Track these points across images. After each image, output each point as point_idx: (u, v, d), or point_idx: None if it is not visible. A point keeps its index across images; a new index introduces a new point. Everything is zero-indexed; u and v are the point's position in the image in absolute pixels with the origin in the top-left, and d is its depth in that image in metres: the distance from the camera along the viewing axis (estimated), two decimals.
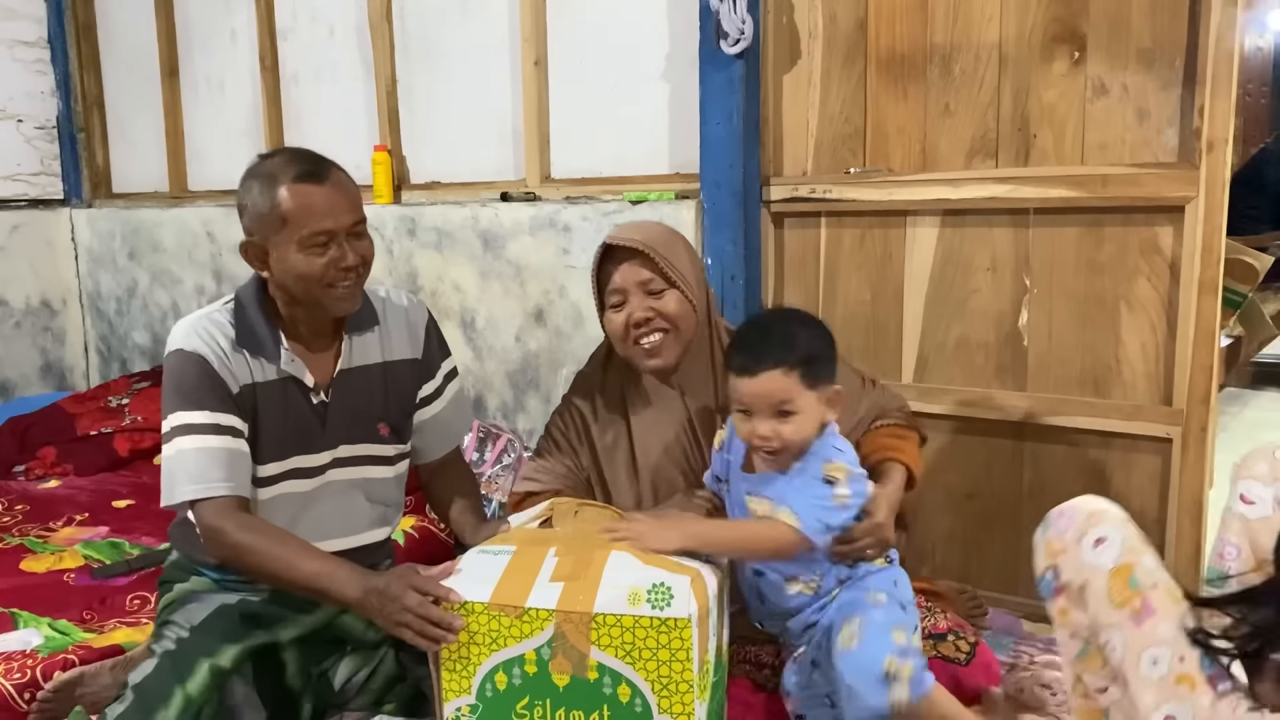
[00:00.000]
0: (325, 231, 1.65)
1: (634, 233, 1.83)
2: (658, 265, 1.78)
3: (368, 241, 1.74)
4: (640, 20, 2.76)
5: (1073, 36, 2.18)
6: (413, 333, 1.89)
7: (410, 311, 1.91)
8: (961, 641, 1.79)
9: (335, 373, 1.79)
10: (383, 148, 3.32)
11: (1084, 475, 2.26)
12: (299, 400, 1.76)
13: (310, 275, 1.67)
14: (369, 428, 1.84)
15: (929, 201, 2.36)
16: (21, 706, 1.84)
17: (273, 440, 1.75)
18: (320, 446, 1.79)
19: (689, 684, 1.38)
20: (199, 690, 1.57)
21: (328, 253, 1.66)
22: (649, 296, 1.79)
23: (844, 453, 1.60)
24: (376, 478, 1.87)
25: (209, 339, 1.70)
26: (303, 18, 3.57)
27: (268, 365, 1.73)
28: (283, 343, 1.74)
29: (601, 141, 2.90)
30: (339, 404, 1.80)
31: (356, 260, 1.69)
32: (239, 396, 1.71)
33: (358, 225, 1.71)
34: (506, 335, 3.08)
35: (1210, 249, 2.05)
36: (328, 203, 1.66)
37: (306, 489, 1.79)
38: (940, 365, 2.42)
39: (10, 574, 2.46)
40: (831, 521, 1.55)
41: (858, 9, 2.43)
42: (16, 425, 3.53)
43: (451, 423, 1.98)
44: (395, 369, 1.86)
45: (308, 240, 1.65)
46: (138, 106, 4.18)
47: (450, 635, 1.46)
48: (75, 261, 4.37)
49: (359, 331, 1.82)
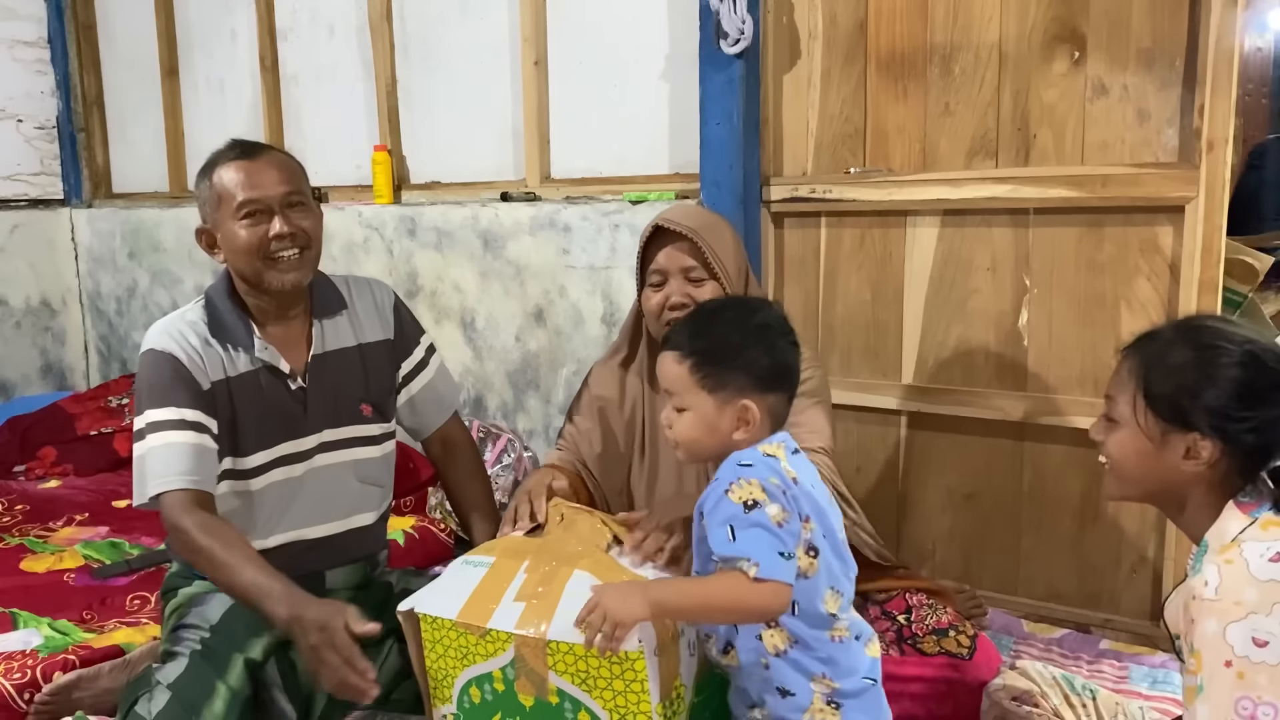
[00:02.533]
0: (254, 200, 1.71)
1: (684, 217, 1.84)
2: (702, 253, 1.79)
3: (312, 217, 1.77)
4: (640, 20, 2.76)
5: (1073, 36, 2.18)
6: (381, 314, 1.93)
7: (375, 292, 1.95)
8: (962, 636, 1.80)
9: (310, 358, 1.82)
10: (383, 148, 3.32)
11: (1084, 475, 2.26)
12: (277, 387, 1.79)
13: (249, 247, 1.71)
14: (352, 409, 1.86)
15: (929, 201, 2.36)
16: (21, 706, 1.84)
17: (256, 430, 1.77)
18: (304, 431, 1.81)
19: (647, 714, 1.34)
20: (239, 683, 1.59)
21: (262, 224, 1.71)
22: (689, 283, 1.81)
23: (754, 467, 1.31)
24: (364, 458, 1.88)
25: (180, 338, 1.73)
26: (303, 18, 3.57)
27: (242, 356, 1.76)
28: (255, 332, 1.77)
29: (601, 141, 2.90)
30: (318, 388, 1.82)
31: (292, 229, 1.72)
32: (212, 393, 1.72)
33: (292, 195, 1.74)
34: (506, 335, 3.08)
35: (1210, 249, 2.05)
36: (258, 175, 1.73)
37: (296, 474, 1.81)
38: (940, 365, 2.42)
39: (10, 574, 2.46)
40: (783, 548, 1.27)
41: (858, 9, 2.43)
42: (16, 425, 3.53)
43: (443, 391, 2.02)
44: (370, 350, 1.89)
45: (240, 211, 1.71)
46: (138, 106, 4.18)
47: (367, 694, 1.43)
48: (75, 261, 4.37)
49: (328, 316, 1.85)
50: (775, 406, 1.39)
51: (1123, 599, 2.26)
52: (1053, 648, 2.17)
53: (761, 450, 1.35)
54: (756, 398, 1.36)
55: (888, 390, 2.47)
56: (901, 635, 1.81)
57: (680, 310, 1.79)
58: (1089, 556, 2.29)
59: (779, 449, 1.37)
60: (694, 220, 1.83)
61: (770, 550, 1.26)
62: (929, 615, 1.82)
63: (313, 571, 1.80)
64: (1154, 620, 2.21)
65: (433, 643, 1.46)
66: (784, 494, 1.30)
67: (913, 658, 1.79)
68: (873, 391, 2.49)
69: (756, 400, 1.36)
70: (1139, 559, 2.23)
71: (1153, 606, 2.21)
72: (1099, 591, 2.28)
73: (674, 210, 1.88)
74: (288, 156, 1.82)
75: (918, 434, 2.48)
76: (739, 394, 1.36)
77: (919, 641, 1.80)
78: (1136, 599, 2.24)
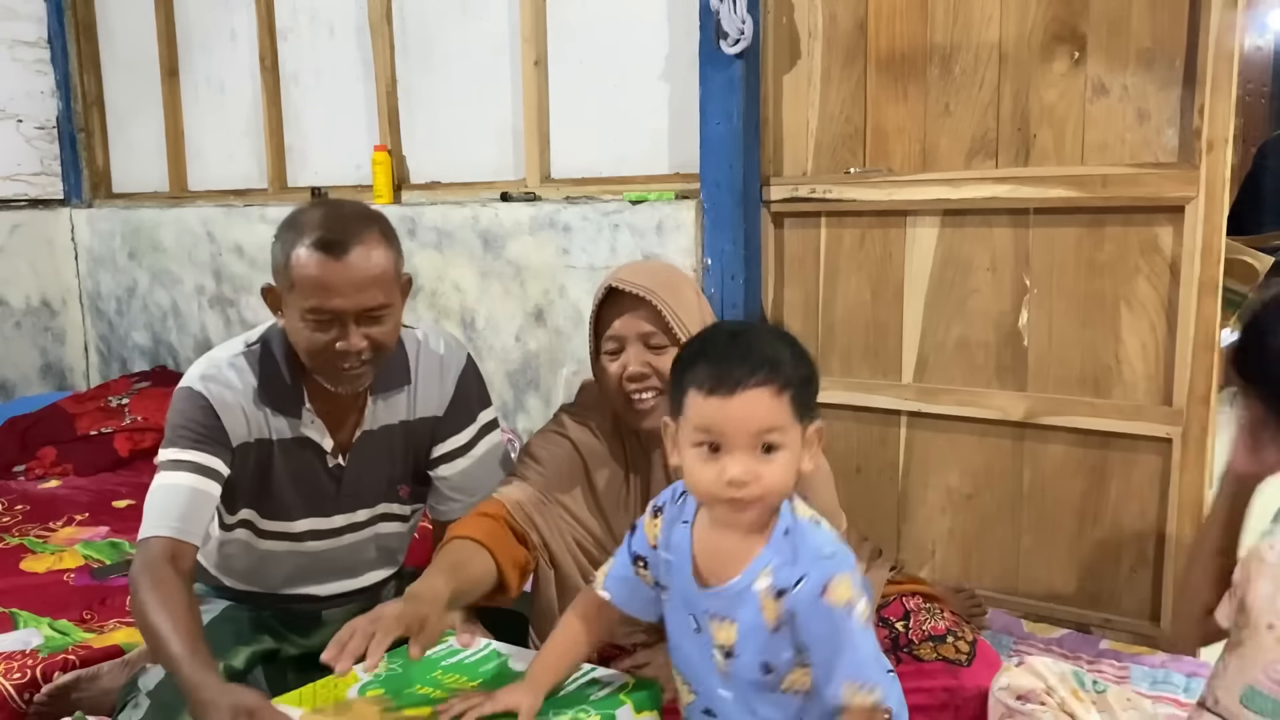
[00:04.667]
0: (329, 310, 1.51)
1: (641, 277, 1.65)
2: (663, 318, 1.61)
3: (389, 325, 1.57)
4: (640, 20, 2.76)
5: (1073, 36, 2.18)
6: (443, 387, 1.74)
7: (445, 364, 1.75)
8: (961, 641, 1.78)
9: (356, 436, 1.68)
10: (383, 148, 3.32)
11: (1084, 475, 2.26)
12: (313, 462, 1.67)
13: (312, 348, 1.55)
14: (389, 490, 1.76)
15: (929, 201, 2.36)
16: (21, 706, 1.84)
17: (283, 499, 1.68)
18: (334, 510, 1.72)
19: None
20: None
21: (330, 331, 1.52)
22: (648, 350, 1.62)
23: (836, 558, 1.16)
24: (387, 532, 1.81)
25: (226, 385, 1.60)
26: (303, 18, 3.57)
27: (284, 423, 1.64)
28: (305, 403, 1.64)
29: (601, 141, 2.90)
30: (356, 468, 1.70)
31: (361, 346, 1.53)
32: (245, 449, 1.62)
33: (374, 310, 1.53)
34: (506, 335, 3.08)
35: (1210, 249, 2.05)
36: (339, 281, 1.50)
37: (319, 549, 1.74)
38: (940, 365, 2.42)
39: (10, 574, 2.46)
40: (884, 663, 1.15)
41: (858, 9, 2.43)
42: (16, 425, 3.53)
43: (476, 483, 1.76)
44: (416, 427, 1.73)
45: (310, 314, 1.52)
46: (138, 106, 4.18)
47: None
48: (75, 261, 4.37)
49: (386, 392, 1.68)
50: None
51: (1123, 599, 2.26)
52: (1052, 648, 2.17)
53: (810, 517, 1.20)
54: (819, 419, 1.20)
55: (888, 390, 2.47)
56: (898, 643, 1.77)
57: (640, 381, 1.61)
58: (1089, 556, 2.29)
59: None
60: (651, 280, 1.64)
61: (883, 669, 1.15)
62: (926, 620, 1.80)
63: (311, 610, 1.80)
64: (1154, 620, 2.21)
65: None
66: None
67: (909, 666, 1.73)
68: (873, 391, 2.49)
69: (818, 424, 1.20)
70: (1139, 559, 2.23)
71: (1153, 606, 2.21)
72: (1099, 591, 2.28)
73: (628, 269, 1.71)
74: (381, 251, 1.54)
75: (918, 434, 2.48)
76: (814, 417, 1.19)
77: (915, 649, 1.76)
78: (1136, 599, 2.24)
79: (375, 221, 1.57)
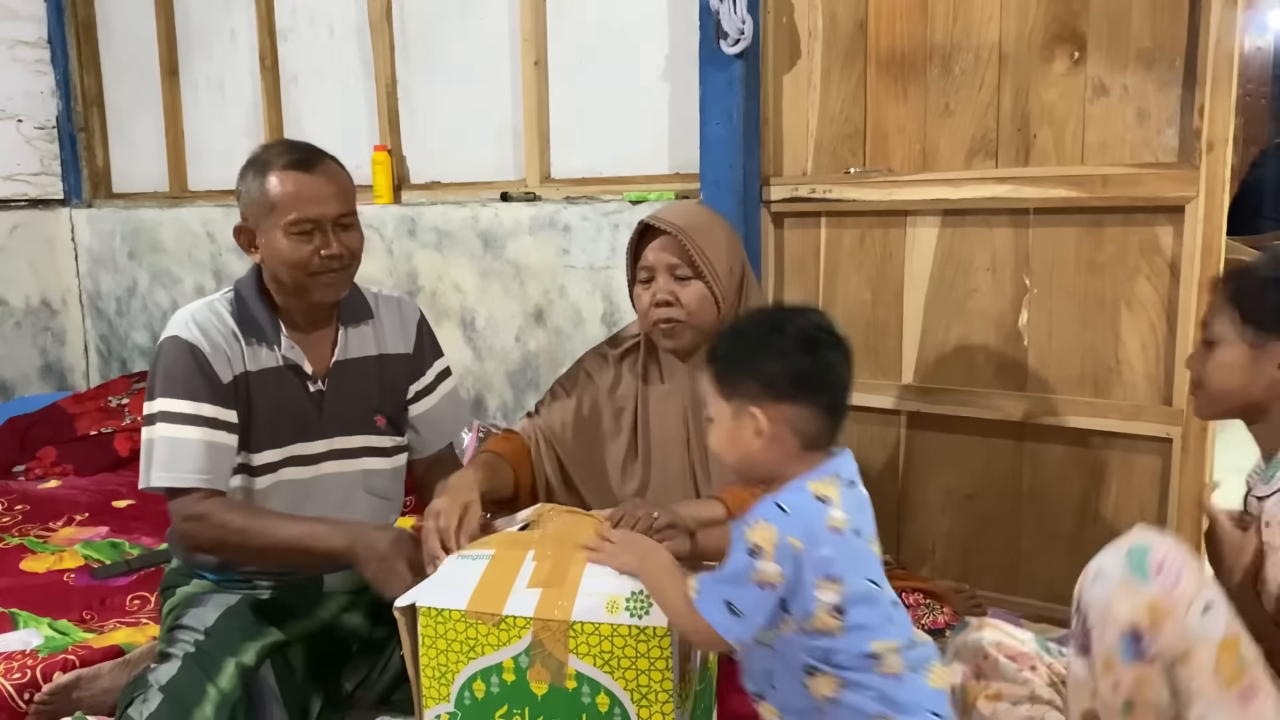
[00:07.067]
0: (310, 219, 1.70)
1: (674, 215, 1.84)
2: (688, 251, 1.79)
3: (356, 234, 1.78)
4: (640, 20, 2.76)
5: (1073, 36, 2.18)
6: (405, 328, 1.94)
7: (403, 307, 1.96)
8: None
9: (332, 362, 1.83)
10: (383, 148, 3.32)
11: (1084, 475, 2.27)
12: (296, 388, 1.80)
13: (296, 261, 1.71)
14: (366, 419, 1.87)
15: (929, 201, 2.36)
16: (21, 706, 1.84)
17: (269, 427, 1.78)
18: (317, 434, 1.82)
19: (668, 693, 1.36)
20: (230, 686, 1.59)
21: (313, 240, 1.71)
22: (674, 280, 1.81)
23: (789, 516, 1.22)
24: (374, 469, 1.89)
25: (207, 327, 1.73)
26: (303, 18, 3.57)
27: (266, 352, 1.77)
28: (282, 330, 1.78)
29: (601, 141, 2.90)
30: (335, 393, 1.83)
31: (341, 250, 1.73)
32: (231, 386, 1.73)
33: (345, 216, 1.74)
34: (506, 335, 3.08)
35: (1210, 249, 2.05)
36: (314, 190, 1.70)
37: (305, 476, 1.81)
38: (940, 365, 2.42)
39: (10, 574, 2.46)
40: (735, 602, 1.22)
41: (858, 9, 2.43)
42: (16, 425, 3.53)
43: (444, 421, 2.00)
44: (389, 362, 1.90)
45: (293, 226, 1.69)
46: (138, 106, 4.18)
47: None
48: (75, 261, 4.37)
49: (354, 323, 1.86)
50: (796, 419, 1.26)
51: None
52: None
53: (813, 490, 1.25)
54: (769, 406, 1.26)
55: (887, 390, 2.48)
56: None
57: (664, 308, 1.81)
58: (1089, 556, 2.28)
59: (833, 487, 1.26)
60: (683, 218, 1.83)
61: (720, 596, 1.23)
62: (925, 616, 1.82)
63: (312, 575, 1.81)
64: None
65: (433, 638, 1.45)
66: (794, 560, 1.20)
67: None
68: (873, 391, 2.49)
69: (768, 409, 1.26)
70: None
71: None
72: None
73: (667, 208, 1.88)
74: (341, 168, 1.79)
75: (917, 434, 2.48)
76: (749, 401, 1.27)
77: None
78: None
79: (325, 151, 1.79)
